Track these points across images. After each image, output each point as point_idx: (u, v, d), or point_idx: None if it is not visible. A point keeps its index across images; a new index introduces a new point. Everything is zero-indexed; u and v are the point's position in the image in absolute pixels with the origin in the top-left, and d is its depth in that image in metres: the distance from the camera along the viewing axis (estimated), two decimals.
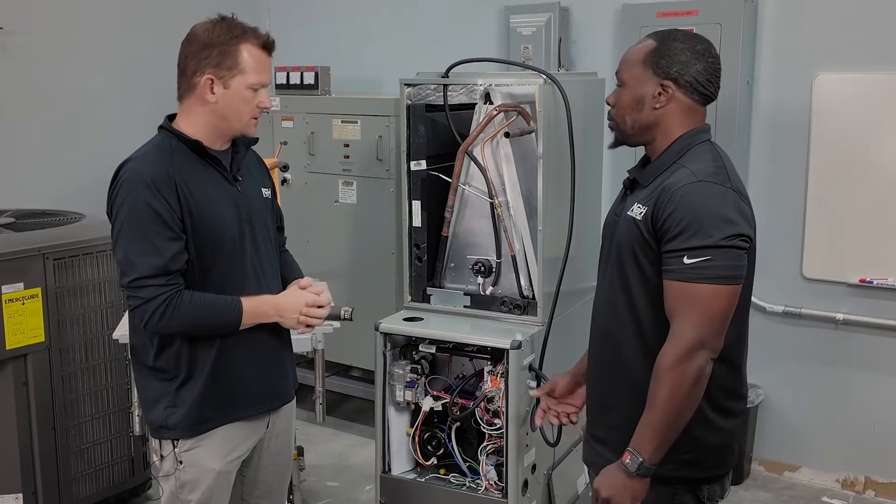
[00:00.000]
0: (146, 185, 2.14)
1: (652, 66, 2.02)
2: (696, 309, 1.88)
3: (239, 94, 2.22)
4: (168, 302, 2.14)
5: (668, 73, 2.01)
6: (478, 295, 3.11)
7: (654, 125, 2.05)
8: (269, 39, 2.28)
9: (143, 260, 2.13)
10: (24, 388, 3.29)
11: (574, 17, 4.36)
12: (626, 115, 2.07)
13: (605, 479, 1.97)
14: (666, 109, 2.03)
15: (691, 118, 2.05)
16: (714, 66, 2.04)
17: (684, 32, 2.07)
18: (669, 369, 1.87)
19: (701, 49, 2.03)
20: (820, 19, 3.80)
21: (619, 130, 2.11)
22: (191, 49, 2.22)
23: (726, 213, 1.90)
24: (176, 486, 2.31)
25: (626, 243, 2.02)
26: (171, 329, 2.19)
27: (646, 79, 2.03)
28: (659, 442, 1.90)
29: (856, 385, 3.89)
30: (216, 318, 2.22)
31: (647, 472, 1.91)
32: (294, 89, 4.59)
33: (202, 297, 2.20)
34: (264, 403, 2.41)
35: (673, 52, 2.02)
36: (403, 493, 3.04)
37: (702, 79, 2.02)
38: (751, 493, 3.97)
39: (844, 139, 3.74)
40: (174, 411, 2.27)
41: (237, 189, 2.32)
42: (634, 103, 2.05)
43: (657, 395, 1.89)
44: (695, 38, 2.05)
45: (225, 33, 2.20)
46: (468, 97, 3.05)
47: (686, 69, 2.01)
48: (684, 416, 1.90)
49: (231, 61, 2.20)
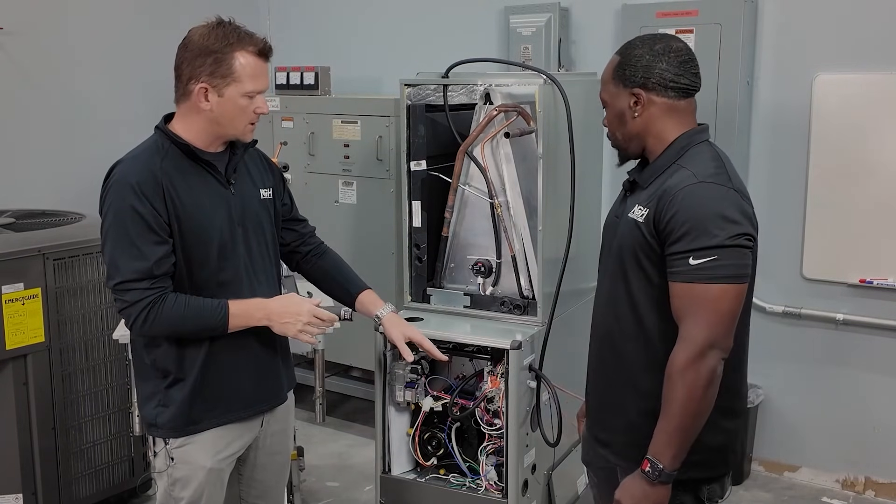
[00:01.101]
0: (132, 189, 2.14)
1: (620, 80, 2.07)
2: (704, 309, 1.88)
3: (234, 102, 2.21)
4: (152, 305, 2.15)
5: (634, 82, 2.04)
6: (478, 295, 3.11)
7: (642, 133, 2.07)
8: (266, 46, 2.25)
9: (127, 264, 2.14)
10: (24, 388, 3.29)
11: (574, 17, 4.36)
12: (616, 131, 2.13)
13: (626, 489, 1.96)
14: (646, 115, 2.05)
15: (676, 115, 2.06)
16: (679, 58, 2.04)
17: (643, 37, 2.10)
18: (683, 372, 1.87)
19: (659, 48, 2.04)
20: (820, 19, 3.80)
21: (618, 147, 2.16)
22: (186, 55, 2.21)
23: (729, 213, 1.90)
24: (168, 483, 2.32)
25: (627, 245, 2.02)
26: (156, 331, 2.20)
27: (619, 93, 2.08)
28: (677, 447, 1.89)
29: (856, 385, 3.89)
30: (201, 321, 2.21)
31: (668, 479, 1.90)
32: (294, 89, 4.60)
33: (187, 301, 2.19)
34: (255, 406, 2.40)
35: (633, 60, 2.05)
36: (403, 493, 3.04)
37: (668, 75, 2.03)
38: (751, 493, 3.97)
39: (844, 139, 3.74)
40: (163, 411, 2.28)
41: (230, 192, 2.30)
42: (618, 119, 2.10)
43: (672, 400, 1.88)
44: (652, 40, 2.07)
45: (220, 40, 2.18)
46: (468, 97, 3.04)
47: (649, 71, 2.03)
48: (701, 419, 1.89)
49: (226, 69, 2.18)
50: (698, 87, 2.08)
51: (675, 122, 2.05)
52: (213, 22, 2.23)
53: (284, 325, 2.29)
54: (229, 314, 2.22)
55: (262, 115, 2.30)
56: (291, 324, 2.28)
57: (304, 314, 2.29)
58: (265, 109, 2.28)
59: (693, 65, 2.06)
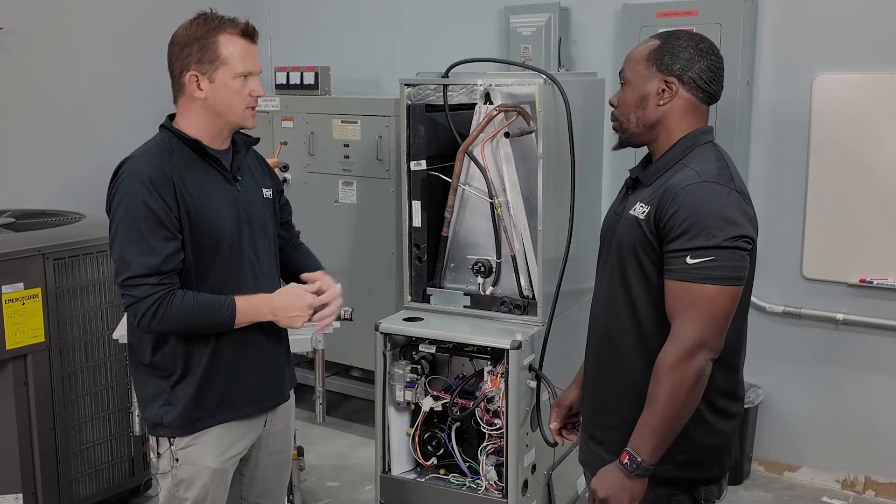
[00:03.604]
0: (143, 185, 2.14)
1: (656, 63, 2.03)
2: (697, 309, 1.88)
3: (226, 86, 2.22)
4: (161, 301, 2.15)
5: (671, 70, 2.02)
6: (478, 295, 3.11)
7: (658, 123, 2.05)
8: (249, 27, 2.27)
9: (137, 259, 2.14)
10: (24, 388, 3.29)
11: (574, 17, 4.36)
12: (631, 112, 2.07)
13: (602, 479, 1.97)
14: (670, 106, 2.03)
15: (694, 117, 2.05)
16: (717, 65, 2.05)
17: (687, 32, 2.08)
18: (670, 369, 1.87)
19: (704, 47, 2.04)
20: (820, 19, 3.80)
21: (623, 130, 2.11)
22: (174, 50, 2.24)
23: (730, 214, 1.90)
24: (173, 484, 2.32)
25: (627, 243, 2.02)
26: (164, 328, 2.20)
27: (650, 76, 2.03)
28: (658, 442, 1.89)
29: (856, 385, 3.89)
30: (209, 317, 2.21)
31: (645, 473, 1.91)
32: (294, 89, 4.59)
33: (195, 297, 2.20)
34: (260, 403, 2.41)
35: (676, 50, 2.02)
36: (403, 493, 3.04)
37: (705, 76, 2.03)
38: (751, 493, 3.97)
39: (844, 139, 3.74)
40: (169, 409, 2.27)
41: (237, 189, 2.32)
42: (639, 100, 2.05)
43: (657, 396, 1.89)
44: (698, 37, 2.06)
45: (202, 27, 2.22)
46: (468, 97, 3.05)
47: (689, 66, 2.01)
48: (683, 417, 1.90)
49: (211, 54, 2.20)
50: (719, 98, 2.09)
51: (690, 121, 2.04)
52: (195, 16, 2.26)
53: (291, 319, 2.31)
54: (236, 310, 2.23)
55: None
56: (299, 316, 2.31)
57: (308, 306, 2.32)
58: (261, 91, 2.29)
59: (722, 76, 2.07)
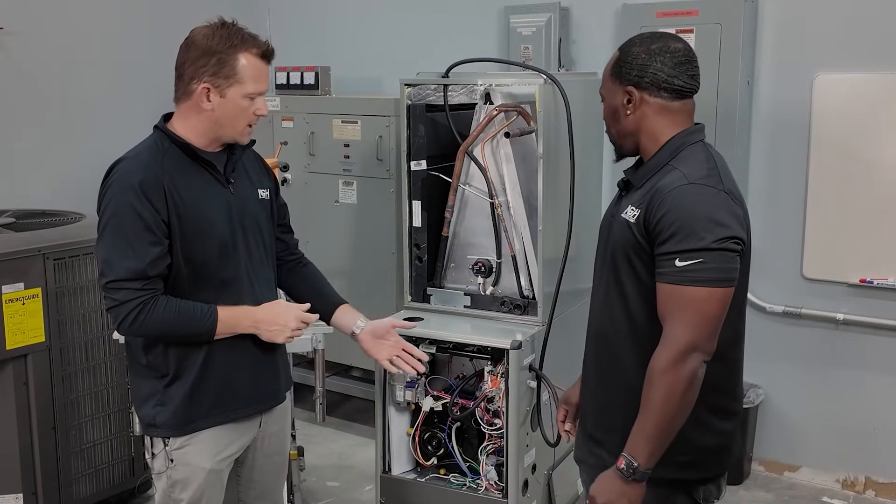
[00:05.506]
0: (132, 188, 2.14)
1: (617, 77, 2.07)
2: (688, 312, 1.88)
3: (235, 103, 2.21)
4: (143, 306, 2.14)
5: (629, 80, 2.04)
6: (478, 295, 3.11)
7: (635, 131, 2.07)
8: (269, 48, 2.26)
9: (121, 262, 2.14)
10: (24, 388, 3.29)
11: (574, 17, 4.36)
12: (611, 127, 2.14)
13: (601, 484, 1.97)
14: (638, 113, 2.05)
15: (670, 116, 2.05)
16: (676, 59, 2.03)
17: (643, 35, 2.09)
18: (663, 373, 1.87)
19: (657, 47, 2.03)
20: (820, 19, 3.80)
21: (612, 143, 2.17)
22: (189, 55, 2.21)
23: (718, 215, 1.90)
24: (168, 485, 2.32)
25: (620, 246, 2.03)
26: (144, 333, 2.20)
27: (615, 89, 2.08)
28: (654, 447, 1.89)
29: (856, 385, 3.89)
30: (189, 326, 2.21)
31: (642, 477, 1.91)
32: (294, 89, 4.59)
33: (177, 304, 2.19)
34: (254, 405, 2.40)
35: (630, 58, 2.05)
36: (403, 493, 3.04)
37: (663, 75, 2.02)
38: (751, 493, 3.97)
39: (844, 139, 3.74)
40: (162, 410, 2.27)
41: (230, 191, 2.30)
42: (612, 114, 2.11)
43: (651, 400, 1.89)
44: (651, 38, 2.06)
45: (224, 41, 2.18)
46: (468, 97, 3.05)
47: (644, 71, 2.02)
48: (678, 420, 1.90)
49: (229, 70, 2.18)
50: (695, 89, 2.07)
51: (669, 122, 2.04)
52: (217, 23, 2.23)
53: (272, 333, 2.30)
54: (217, 320, 2.22)
55: (262, 116, 2.30)
56: (279, 331, 2.30)
57: (291, 321, 2.31)
58: (265, 111, 2.28)
59: (690, 66, 2.04)
